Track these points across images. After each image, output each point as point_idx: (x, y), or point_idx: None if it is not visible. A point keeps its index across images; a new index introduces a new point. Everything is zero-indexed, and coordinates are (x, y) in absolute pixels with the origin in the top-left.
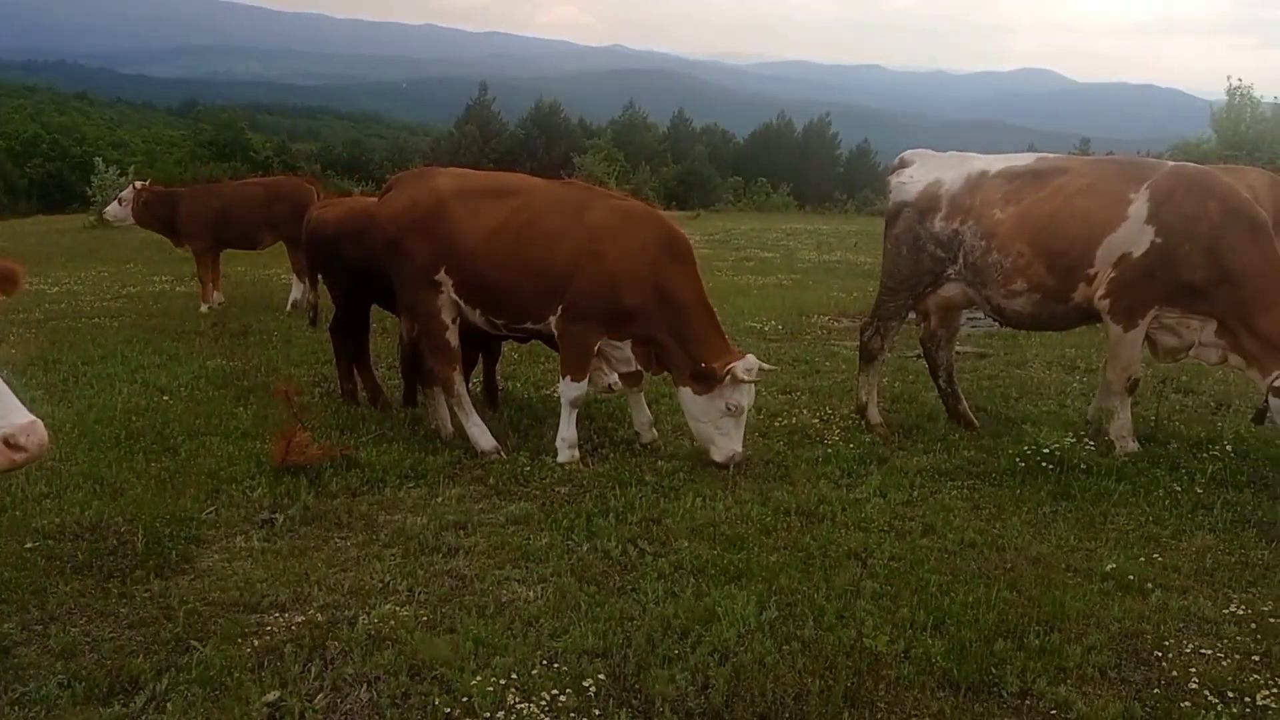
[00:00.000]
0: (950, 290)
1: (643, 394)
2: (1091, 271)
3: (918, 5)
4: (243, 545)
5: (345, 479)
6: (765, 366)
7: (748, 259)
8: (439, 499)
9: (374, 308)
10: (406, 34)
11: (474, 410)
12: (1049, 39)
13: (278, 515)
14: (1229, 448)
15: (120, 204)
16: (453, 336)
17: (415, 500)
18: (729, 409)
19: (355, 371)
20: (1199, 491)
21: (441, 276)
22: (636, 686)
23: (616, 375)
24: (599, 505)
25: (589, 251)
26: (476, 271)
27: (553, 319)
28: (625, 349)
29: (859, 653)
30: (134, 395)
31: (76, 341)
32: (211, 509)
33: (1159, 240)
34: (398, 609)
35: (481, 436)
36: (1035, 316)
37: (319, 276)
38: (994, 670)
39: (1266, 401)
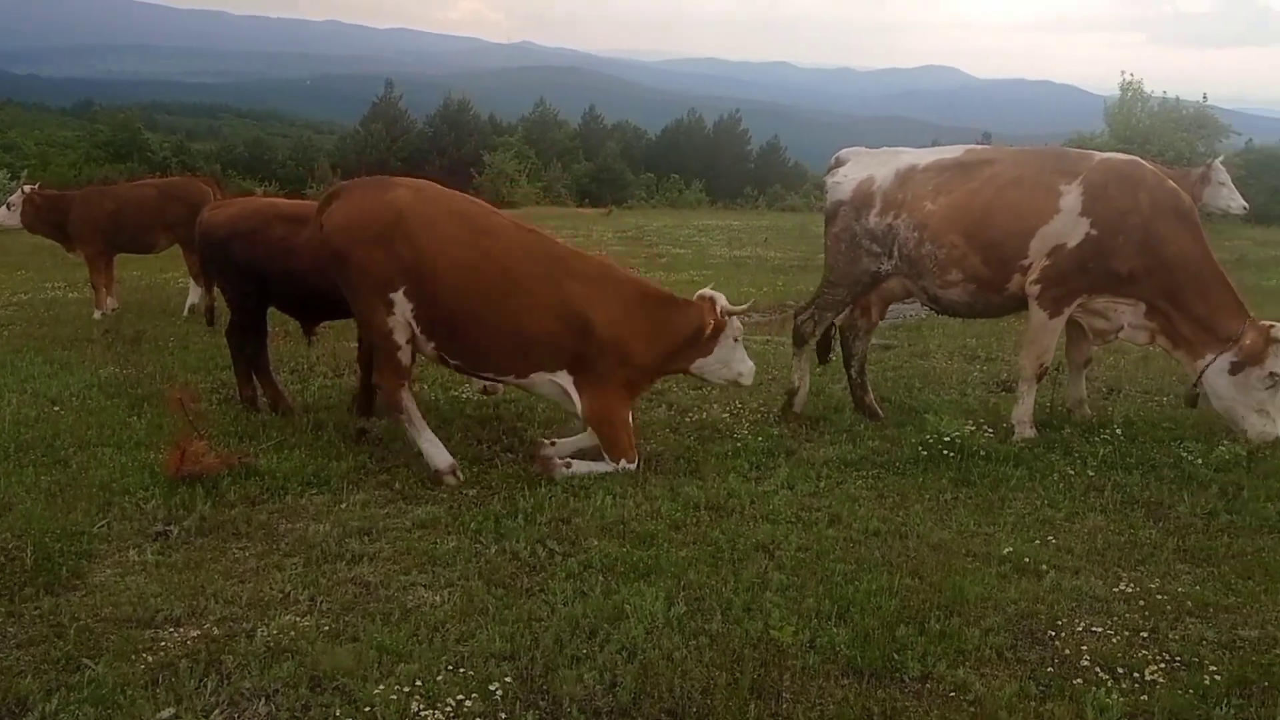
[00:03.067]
0: (890, 284)
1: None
2: (1025, 262)
3: (824, 3)
4: (136, 559)
5: (244, 488)
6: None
7: (660, 255)
8: (343, 505)
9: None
10: (309, 30)
11: (426, 426)
12: (950, 36)
13: (173, 527)
14: (1119, 431)
15: (9, 209)
16: (405, 356)
17: (318, 507)
18: None
19: (255, 377)
20: (1091, 474)
21: (398, 297)
22: (544, 688)
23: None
24: (507, 507)
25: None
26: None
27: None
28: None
29: (765, 644)
30: (23, 406)
31: None
32: (104, 522)
33: (1094, 232)
34: (298, 619)
35: (436, 454)
36: (971, 305)
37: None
38: (896, 656)
39: (1196, 384)
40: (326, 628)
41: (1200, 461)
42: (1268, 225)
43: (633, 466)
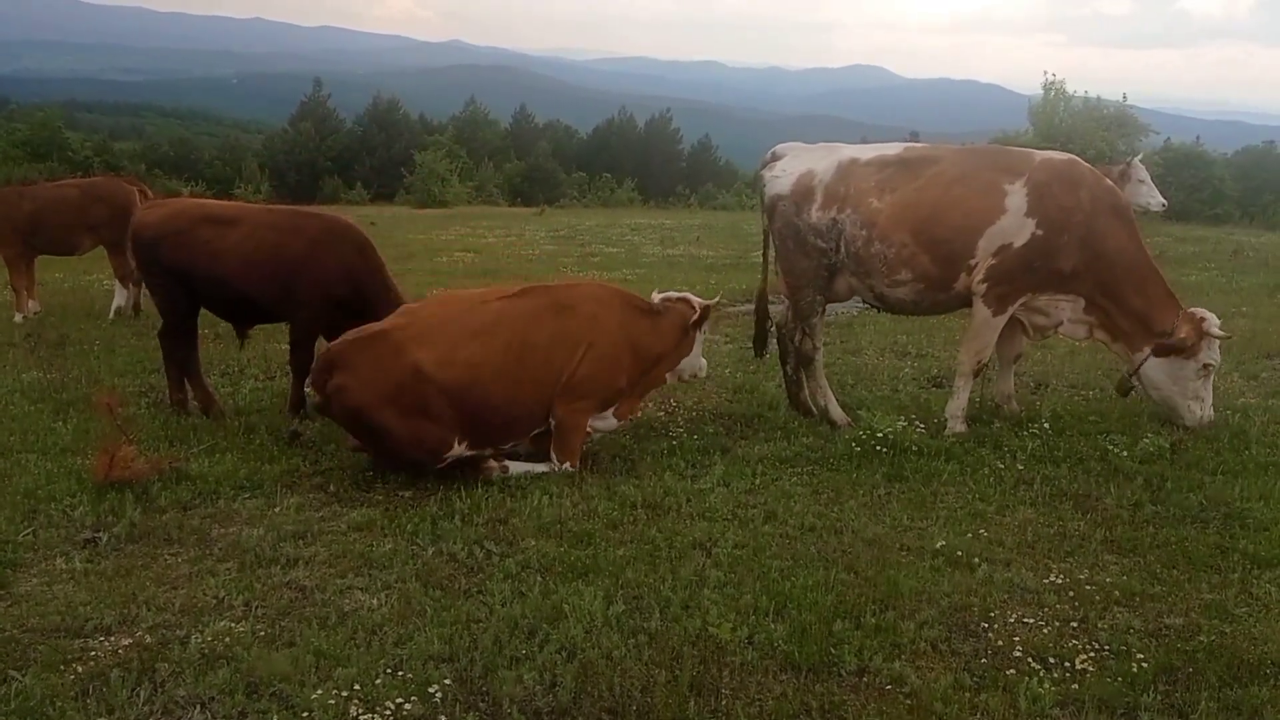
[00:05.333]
0: (837, 283)
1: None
2: (973, 261)
3: (753, 3)
4: (64, 567)
5: (175, 493)
6: None
7: (593, 255)
8: (277, 509)
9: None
10: (234, 28)
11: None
12: (877, 37)
13: (102, 534)
14: (1047, 425)
15: None
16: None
17: (251, 512)
18: None
19: (185, 380)
20: (1020, 468)
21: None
22: (484, 689)
23: None
24: (444, 508)
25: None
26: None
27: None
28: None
29: (704, 641)
30: None
31: None
32: (29, 530)
33: (1040, 232)
34: (233, 625)
35: None
36: (918, 304)
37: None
38: (833, 650)
39: (1133, 374)
40: (262, 633)
41: (1125, 454)
42: (1186, 222)
43: (572, 471)
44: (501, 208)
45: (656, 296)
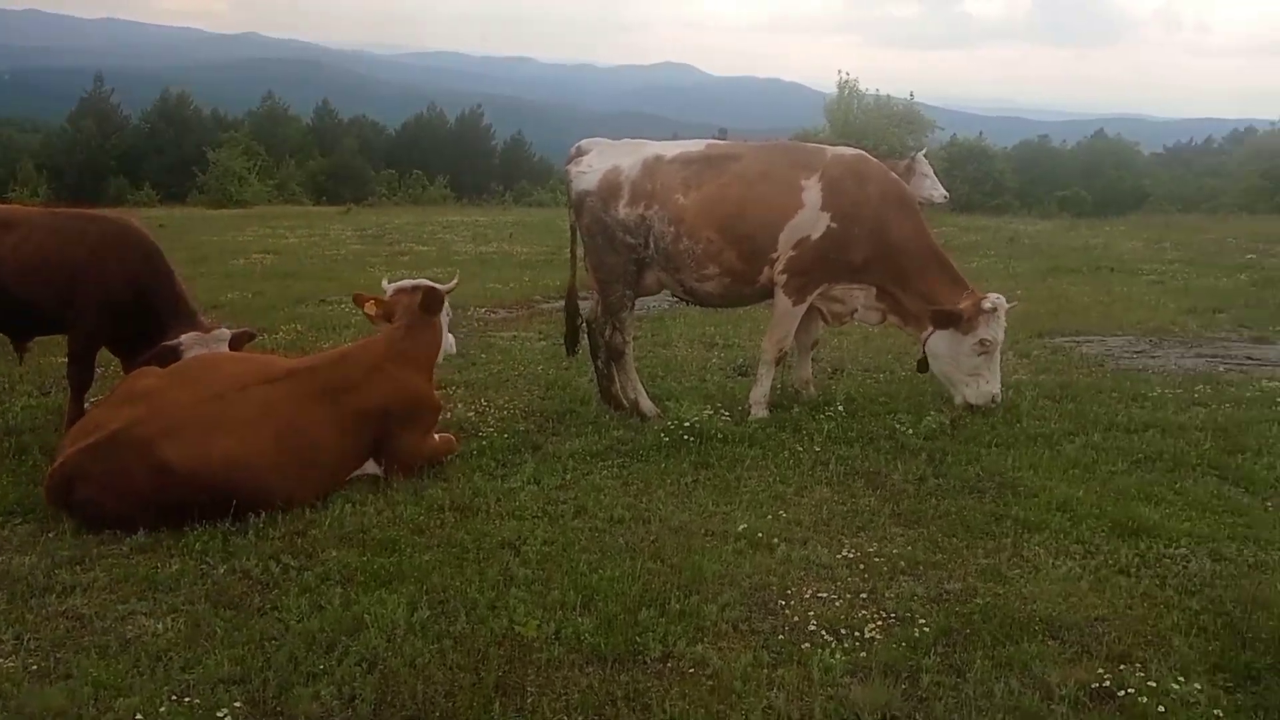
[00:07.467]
0: (646, 277)
1: None
2: (774, 255)
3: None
4: None
5: None
6: None
7: (402, 254)
8: (51, 534)
9: None
10: (6, 20)
11: None
12: (685, 35)
13: None
14: (841, 408)
15: None
16: None
17: (23, 538)
18: None
19: None
20: (817, 450)
21: None
22: (278, 709)
23: None
24: (237, 523)
25: None
26: None
27: None
28: None
29: (510, 641)
30: None
31: None
32: None
33: (834, 225)
34: (3, 661)
35: None
36: (724, 297)
37: None
38: (638, 639)
39: (923, 352)
40: (35, 667)
41: (911, 431)
42: (970, 213)
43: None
44: (305, 207)
45: (387, 286)
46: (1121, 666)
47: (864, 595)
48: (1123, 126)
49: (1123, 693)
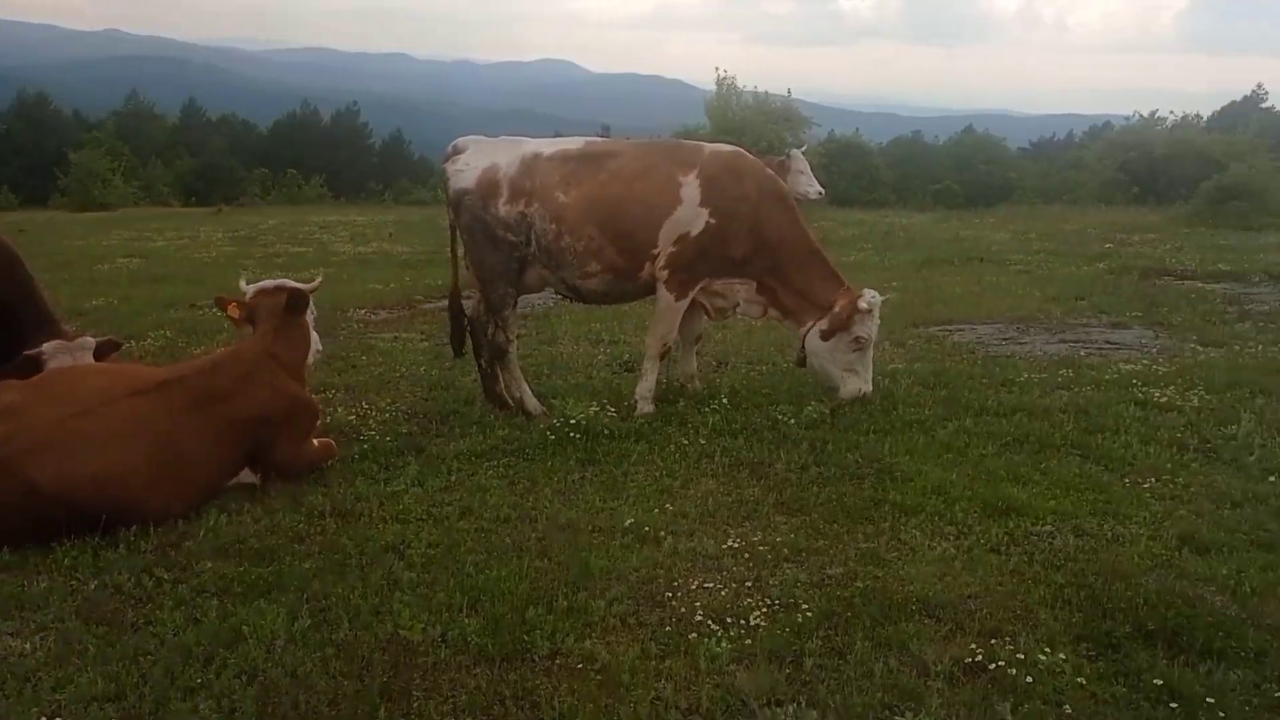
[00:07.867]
0: (528, 276)
1: None
2: (655, 251)
3: None
4: None
5: None
6: None
7: (277, 255)
8: None
9: None
10: None
11: None
12: (566, 31)
13: None
14: (725, 401)
15: None
16: None
17: None
18: None
19: None
20: (703, 442)
21: None
22: None
23: None
24: (107, 537)
25: None
26: None
27: None
28: None
29: (395, 645)
30: None
31: None
32: None
33: (713, 221)
34: None
35: None
36: (609, 294)
37: None
38: (526, 637)
39: (801, 348)
40: None
41: (793, 421)
42: (848, 207)
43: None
44: (174, 208)
45: (246, 287)
46: (993, 641)
47: (749, 584)
48: (991, 122)
49: (994, 666)
